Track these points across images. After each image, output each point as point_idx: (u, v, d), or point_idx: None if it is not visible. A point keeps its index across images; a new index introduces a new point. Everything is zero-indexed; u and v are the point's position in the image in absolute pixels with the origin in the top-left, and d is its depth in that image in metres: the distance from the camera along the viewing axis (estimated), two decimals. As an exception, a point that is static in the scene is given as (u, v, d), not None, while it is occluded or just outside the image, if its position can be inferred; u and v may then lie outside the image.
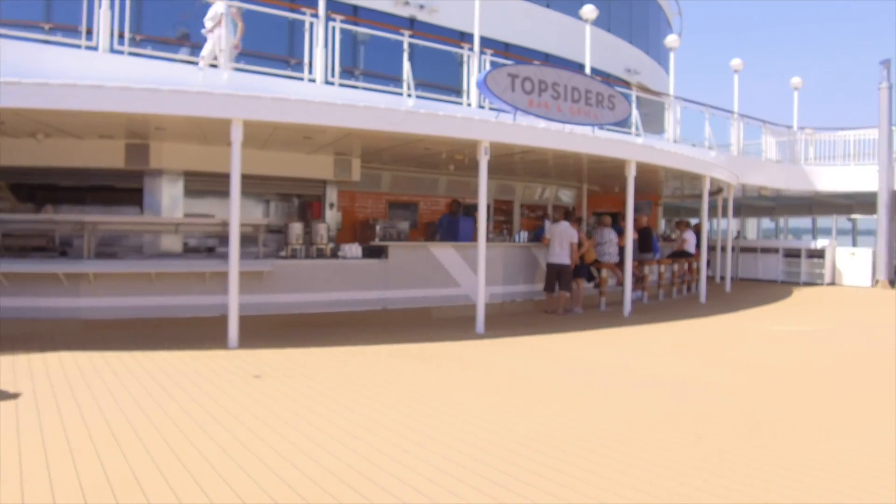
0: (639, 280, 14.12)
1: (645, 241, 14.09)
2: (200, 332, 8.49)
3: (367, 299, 10.54)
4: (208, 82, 9.57)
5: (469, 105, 12.75)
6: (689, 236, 15.90)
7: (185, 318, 9.03)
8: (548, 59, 17.04)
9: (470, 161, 10.48)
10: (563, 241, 11.56)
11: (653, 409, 5.41)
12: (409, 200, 15.21)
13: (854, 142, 20.78)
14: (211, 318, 8.87)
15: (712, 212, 21.08)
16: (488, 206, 16.16)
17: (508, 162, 12.50)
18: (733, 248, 21.52)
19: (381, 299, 10.74)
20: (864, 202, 24.13)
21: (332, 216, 13.21)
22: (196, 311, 9.10)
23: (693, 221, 20.92)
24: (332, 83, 11.18)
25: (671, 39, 17.02)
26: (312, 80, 11.02)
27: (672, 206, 25.99)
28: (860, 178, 20.27)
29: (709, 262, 19.65)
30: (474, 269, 11.33)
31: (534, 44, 17.00)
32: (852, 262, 19.91)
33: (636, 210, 22.97)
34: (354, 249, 10.66)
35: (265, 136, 9.54)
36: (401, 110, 8.78)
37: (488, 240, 12.69)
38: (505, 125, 9.49)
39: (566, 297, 11.76)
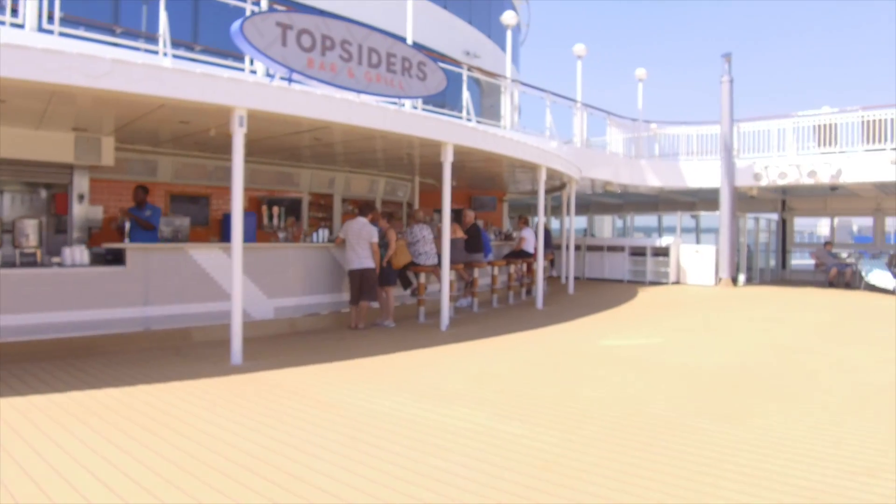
0: (468, 285, 12.26)
1: (474, 240, 12.25)
2: None
3: (107, 320, 7.89)
4: None
5: (254, 73, 10.29)
6: (528, 234, 14.31)
7: None
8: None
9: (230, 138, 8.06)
10: (360, 241, 9.41)
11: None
12: (198, 193, 12.51)
13: (697, 137, 20.23)
14: None
15: (559, 209, 19.82)
16: (300, 201, 13.94)
17: (296, 143, 10.16)
18: (579, 247, 20.40)
19: (136, 319, 8.13)
20: (707, 199, 23.93)
21: (82, 211, 10.33)
22: None
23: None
24: (49, 31, 8.39)
25: (508, 16, 15.34)
26: (19, 26, 8.18)
27: (519, 203, 24.72)
28: (703, 174, 19.71)
29: (553, 262, 18.32)
30: (255, 277, 8.95)
31: (352, 12, 14.74)
32: (696, 261, 19.29)
33: (480, 206, 21.48)
34: (78, 254, 7.95)
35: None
36: (105, 59, 6.23)
37: (283, 239, 10.31)
38: (266, 88, 7.16)
39: (367, 308, 9.62)
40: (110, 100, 6.92)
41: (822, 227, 41.68)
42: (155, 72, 6.44)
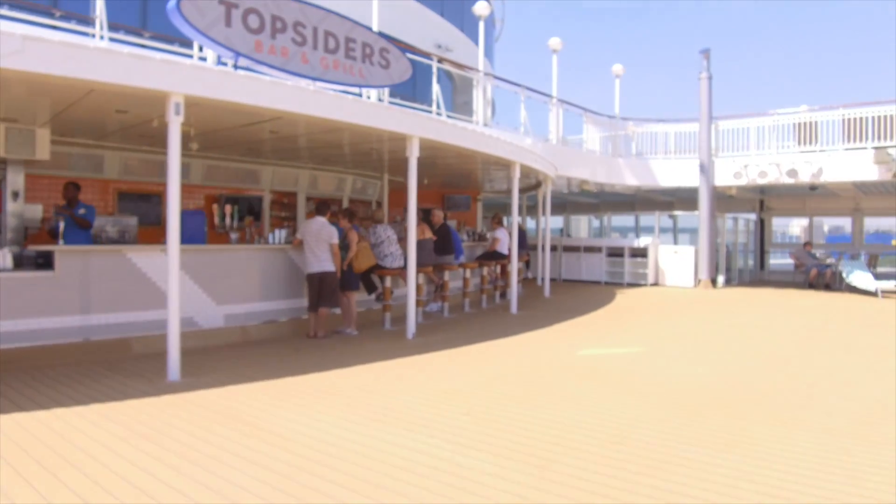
0: (437, 289, 11.57)
1: (444, 241, 11.57)
2: None
3: (34, 330, 7.09)
4: None
5: (203, 60, 9.50)
6: (502, 235, 13.65)
7: None
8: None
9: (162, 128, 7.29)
10: (319, 243, 8.68)
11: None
12: (149, 190, 11.67)
13: (675, 135, 19.74)
14: None
15: (535, 209, 19.22)
16: (261, 199, 13.10)
17: (253, 137, 9.40)
18: (555, 248, 19.81)
19: (68, 328, 7.34)
20: (684, 198, 23.49)
21: (16, 209, 9.46)
22: None
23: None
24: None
25: (480, 6, 14.66)
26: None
27: (494, 203, 24.07)
28: (682, 173, 19.22)
29: (528, 264, 17.70)
30: (202, 281, 8.20)
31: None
32: (675, 261, 18.80)
33: (454, 206, 20.78)
34: (0, 258, 7.13)
35: None
36: (15, 34, 5.43)
37: (234, 240, 9.53)
38: (205, 71, 6.40)
39: (327, 315, 8.89)
40: (33, 84, 6.15)
41: (794, 227, 41.68)
42: (74, 51, 5.66)
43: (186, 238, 8.43)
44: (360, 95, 8.38)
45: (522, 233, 15.39)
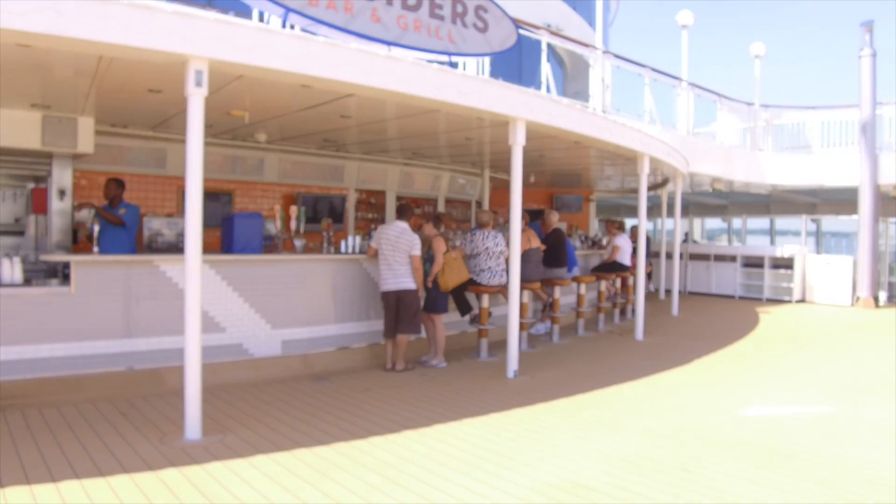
0: (546, 307, 9.59)
1: (555, 250, 9.57)
2: None
3: (47, 358, 5.78)
4: None
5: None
6: (623, 242, 11.47)
7: None
8: None
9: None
10: (397, 254, 6.94)
11: None
12: (219, 188, 10.36)
13: (828, 124, 16.75)
14: None
15: (656, 210, 16.82)
16: (344, 199, 11.53)
17: (321, 123, 7.75)
18: (681, 256, 17.28)
19: (87, 357, 5.99)
20: (830, 199, 20.26)
21: (64, 208, 8.33)
22: None
23: (631, 223, 16.76)
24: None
25: (598, -25, 12.52)
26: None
27: (609, 204, 21.72)
28: (835, 169, 16.22)
29: (650, 274, 15.36)
30: (253, 300, 6.68)
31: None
32: (828, 274, 15.85)
33: (564, 207, 18.60)
34: (7, 269, 5.83)
35: None
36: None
37: (299, 249, 7.94)
38: (237, 27, 4.72)
39: (406, 342, 7.13)
40: (24, 49, 4.72)
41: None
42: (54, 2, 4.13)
43: (240, 246, 6.95)
44: (453, 66, 6.58)
45: (647, 239, 13.13)
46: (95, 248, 6.85)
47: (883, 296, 16.00)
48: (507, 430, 5.10)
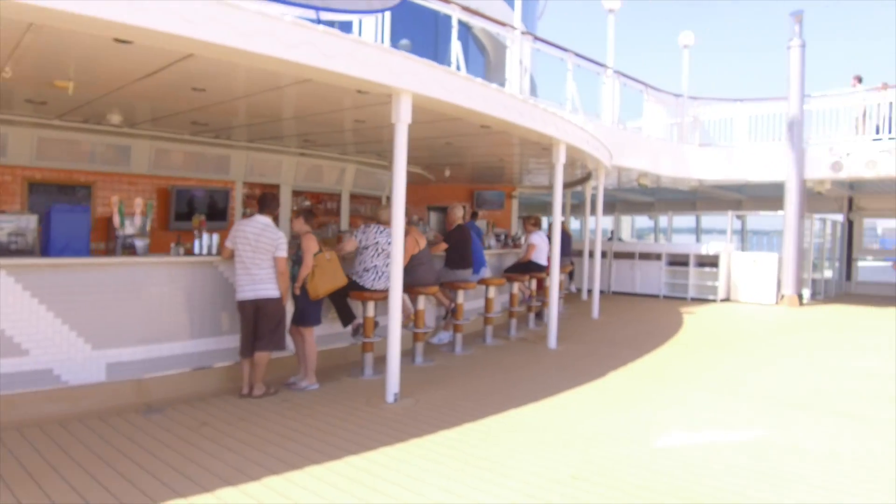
0: (448, 314, 8.50)
1: (458, 250, 8.49)
2: None
3: None
4: None
5: None
6: (539, 240, 10.50)
7: None
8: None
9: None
10: (257, 255, 5.72)
11: None
12: (73, 181, 8.89)
13: (755, 118, 16.27)
14: None
15: (581, 207, 16.00)
16: (227, 192, 9.94)
17: (189, 103, 6.43)
18: (604, 254, 16.51)
19: None
20: (755, 195, 20.01)
21: None
22: None
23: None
24: None
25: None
26: None
27: (534, 201, 20.90)
28: (763, 164, 15.72)
29: (572, 275, 14.51)
30: (67, 314, 5.31)
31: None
32: (753, 272, 15.37)
33: (485, 204, 17.66)
34: None
35: None
36: None
37: (141, 249, 6.55)
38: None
39: (266, 361, 5.91)
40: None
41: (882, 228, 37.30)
42: None
43: (59, 247, 5.59)
44: (321, 24, 5.36)
45: (567, 237, 12.22)
46: None
47: (807, 293, 15.65)
48: (356, 482, 3.94)
